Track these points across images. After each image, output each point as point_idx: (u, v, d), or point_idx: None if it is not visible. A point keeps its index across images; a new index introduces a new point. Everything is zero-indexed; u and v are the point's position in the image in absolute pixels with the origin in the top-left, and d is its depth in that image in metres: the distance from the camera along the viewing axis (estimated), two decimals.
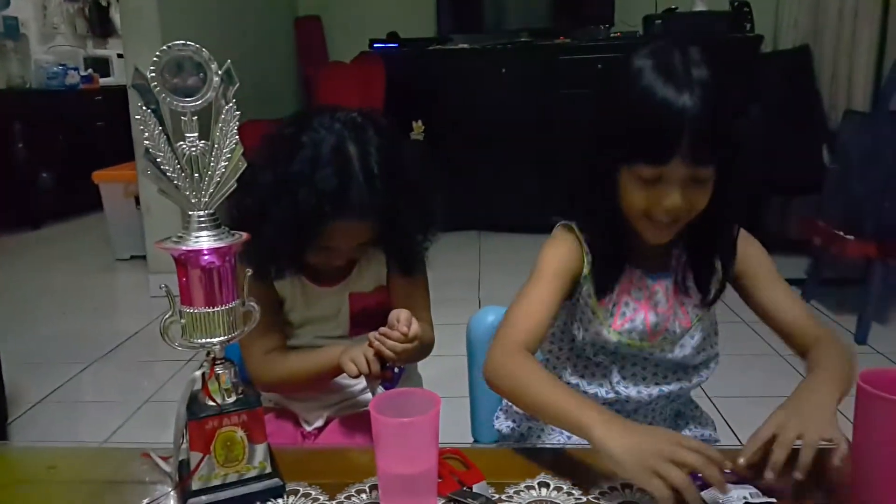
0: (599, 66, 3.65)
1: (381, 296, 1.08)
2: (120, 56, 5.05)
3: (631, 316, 0.91)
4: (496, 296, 2.44)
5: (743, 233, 0.91)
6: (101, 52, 5.71)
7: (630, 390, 0.94)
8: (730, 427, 1.93)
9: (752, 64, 3.57)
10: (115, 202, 3.70)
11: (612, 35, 4.02)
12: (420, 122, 3.95)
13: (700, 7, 3.86)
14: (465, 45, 4.07)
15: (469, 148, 3.87)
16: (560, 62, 3.85)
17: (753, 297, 0.92)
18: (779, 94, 3.35)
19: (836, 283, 2.94)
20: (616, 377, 0.94)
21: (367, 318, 1.06)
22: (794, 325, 0.89)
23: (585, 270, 0.90)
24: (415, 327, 0.92)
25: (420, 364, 1.16)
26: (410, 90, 3.92)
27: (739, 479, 0.70)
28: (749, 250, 0.92)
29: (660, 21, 3.83)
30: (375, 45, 4.10)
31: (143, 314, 2.86)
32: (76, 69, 5.22)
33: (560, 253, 0.90)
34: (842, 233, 2.55)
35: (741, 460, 0.69)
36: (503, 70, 3.90)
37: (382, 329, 0.93)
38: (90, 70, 5.38)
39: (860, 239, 2.48)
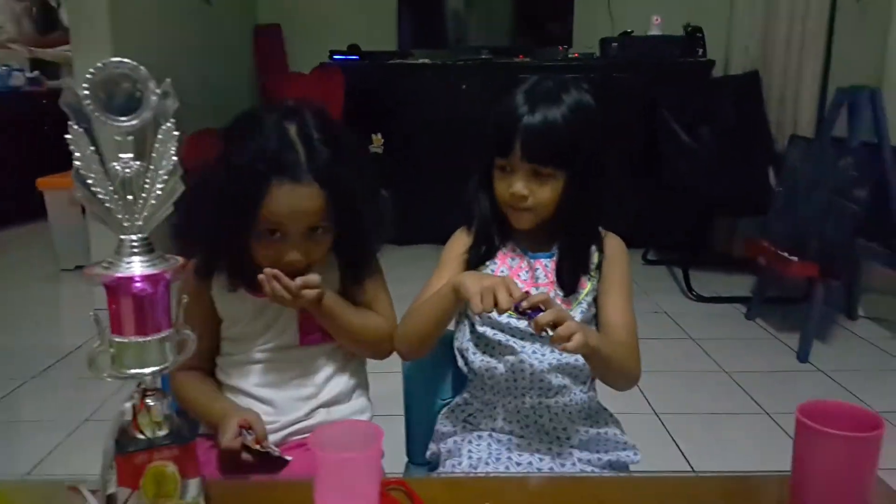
0: None
1: None
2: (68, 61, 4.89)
3: None
4: None
5: (618, 243, 1.08)
6: (49, 51, 5.52)
7: (531, 358, 1.02)
8: (675, 443, 1.96)
9: (704, 87, 3.69)
10: (60, 210, 3.58)
11: (570, 56, 4.07)
12: (379, 136, 3.94)
13: (655, 31, 3.95)
14: (427, 60, 4.07)
15: (428, 162, 3.86)
16: (519, 81, 3.88)
17: (598, 299, 1.06)
18: (729, 117, 3.44)
19: (780, 301, 3.03)
20: (517, 347, 1.03)
21: (318, 324, 1.03)
22: (608, 326, 1.03)
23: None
24: (311, 280, 0.95)
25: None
26: (370, 103, 3.89)
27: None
28: (614, 255, 1.07)
29: (616, 44, 3.90)
30: (335, 57, 4.07)
31: (86, 328, 2.74)
32: (21, 70, 5.04)
33: (455, 245, 1.09)
34: (786, 253, 2.63)
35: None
36: (463, 86, 3.92)
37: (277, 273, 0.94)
38: (37, 72, 5.19)
39: (803, 260, 2.55)
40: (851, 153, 2.53)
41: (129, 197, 0.63)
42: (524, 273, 1.06)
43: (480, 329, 1.05)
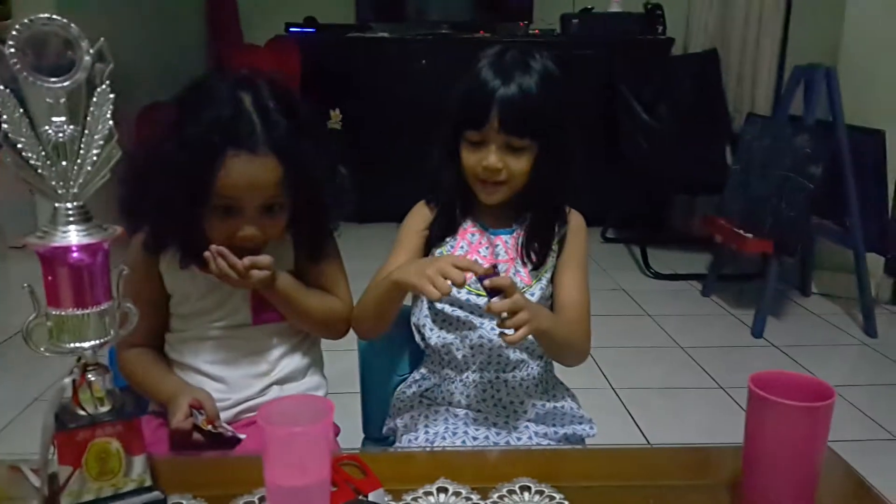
0: None
1: None
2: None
3: None
4: None
5: (579, 219, 1.08)
6: None
7: (489, 333, 1.01)
8: (632, 417, 1.99)
9: (663, 65, 3.71)
10: (5, 184, 3.44)
11: (530, 32, 4.05)
12: (338, 111, 3.86)
13: (615, 8, 3.95)
14: (385, 34, 4.00)
15: (388, 138, 3.81)
16: (480, 53, 3.86)
17: (556, 274, 1.06)
18: (687, 95, 3.47)
19: (735, 278, 3.10)
20: (475, 323, 1.03)
21: (271, 304, 1.00)
22: (563, 305, 1.03)
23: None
24: (261, 261, 0.91)
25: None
26: (328, 78, 3.81)
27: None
28: (575, 231, 1.07)
29: (576, 20, 3.90)
30: (291, 30, 3.97)
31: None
32: None
33: (414, 220, 1.08)
34: (741, 230, 2.67)
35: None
36: (423, 61, 3.87)
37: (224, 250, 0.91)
38: None
39: (758, 236, 2.60)
40: (807, 131, 2.58)
41: (63, 163, 0.59)
42: (484, 249, 1.05)
43: (438, 305, 1.04)
